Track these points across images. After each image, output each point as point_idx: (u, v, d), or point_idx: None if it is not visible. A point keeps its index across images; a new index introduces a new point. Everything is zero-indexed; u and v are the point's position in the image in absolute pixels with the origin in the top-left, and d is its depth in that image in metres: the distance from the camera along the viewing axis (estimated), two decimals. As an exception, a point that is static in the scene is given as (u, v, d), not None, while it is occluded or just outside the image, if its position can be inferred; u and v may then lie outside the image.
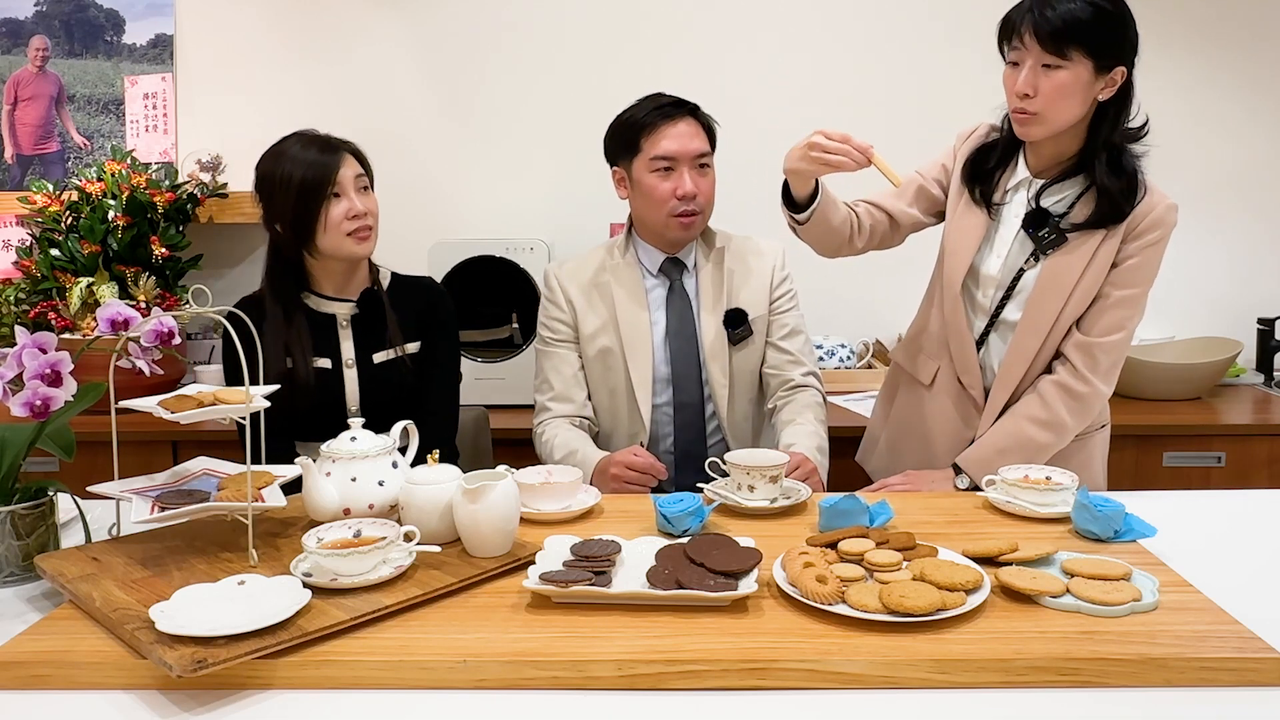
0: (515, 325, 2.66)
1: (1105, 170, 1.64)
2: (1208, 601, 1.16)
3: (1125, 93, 1.63)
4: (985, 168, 1.76)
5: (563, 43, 2.90)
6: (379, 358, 1.86)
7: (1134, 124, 1.67)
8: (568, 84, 2.91)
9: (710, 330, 2.00)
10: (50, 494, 1.38)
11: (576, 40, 2.90)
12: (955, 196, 1.81)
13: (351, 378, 1.85)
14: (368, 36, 2.92)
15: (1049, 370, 1.74)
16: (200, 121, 2.96)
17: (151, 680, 1.04)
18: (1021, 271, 1.72)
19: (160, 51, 2.96)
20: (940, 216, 1.86)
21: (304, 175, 1.77)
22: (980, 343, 1.78)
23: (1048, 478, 1.54)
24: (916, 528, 1.40)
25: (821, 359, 2.79)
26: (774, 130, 2.86)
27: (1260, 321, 2.79)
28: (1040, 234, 1.69)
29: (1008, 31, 1.61)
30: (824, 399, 2.04)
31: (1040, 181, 1.71)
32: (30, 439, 1.36)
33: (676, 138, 1.95)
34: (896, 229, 1.85)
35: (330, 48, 2.93)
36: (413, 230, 2.10)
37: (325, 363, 1.83)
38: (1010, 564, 1.24)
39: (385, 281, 1.92)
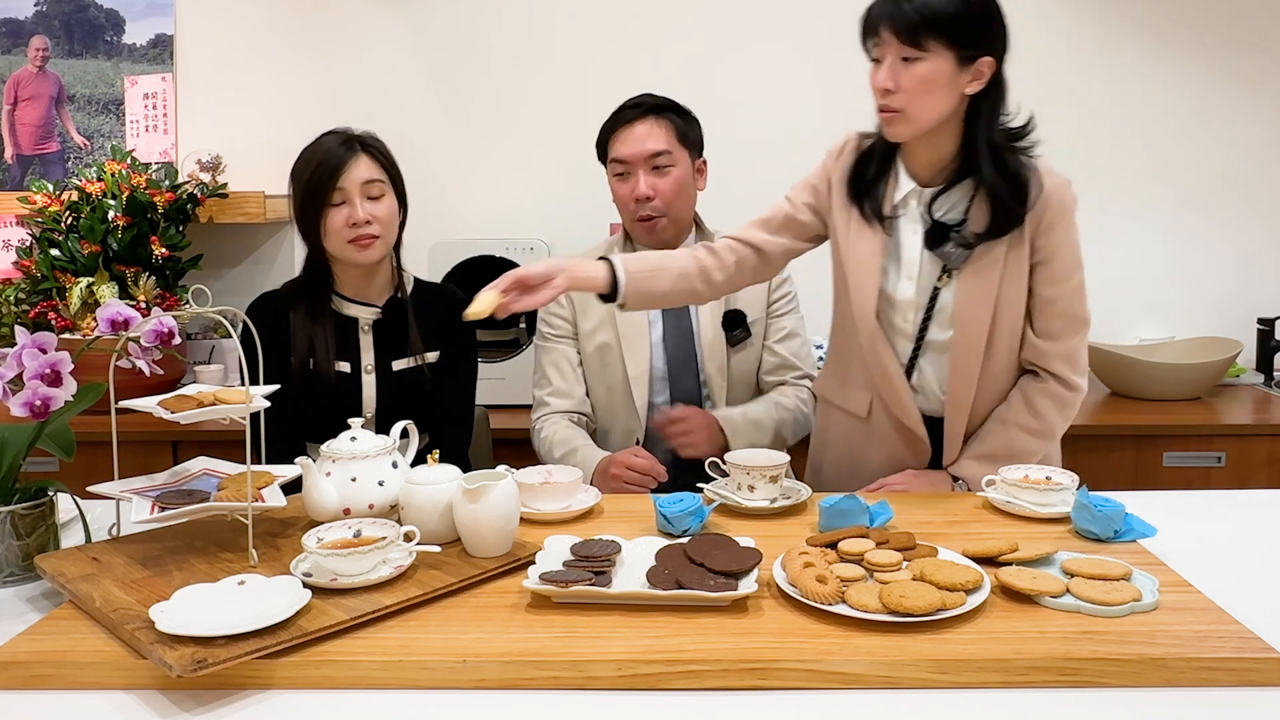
0: (523, 325, 2.66)
1: (991, 172, 1.56)
2: (1208, 601, 1.16)
3: (997, 87, 1.56)
4: (865, 180, 1.68)
5: (563, 43, 2.90)
6: (398, 365, 1.85)
7: (1015, 123, 1.60)
8: (568, 84, 2.91)
9: (707, 330, 2.01)
10: (50, 494, 1.38)
11: (577, 40, 2.90)
12: (842, 218, 1.70)
13: (369, 383, 1.84)
14: (368, 37, 2.92)
15: (1034, 374, 1.68)
16: (200, 121, 2.96)
17: (151, 680, 1.04)
18: (937, 290, 1.65)
19: (160, 51, 2.96)
20: (816, 240, 1.78)
21: (309, 178, 1.76)
22: (910, 368, 1.70)
23: (1048, 478, 1.54)
24: (916, 528, 1.40)
25: (821, 359, 2.79)
26: (771, 128, 2.88)
27: (1260, 321, 2.80)
28: (945, 250, 1.61)
29: (867, 28, 1.56)
30: (809, 398, 2.03)
31: (929, 191, 1.63)
32: (30, 439, 1.36)
33: (629, 140, 1.96)
34: (767, 260, 1.75)
35: (330, 48, 2.93)
36: (413, 230, 2.10)
37: (344, 366, 1.83)
38: (1010, 564, 1.24)
39: (409, 287, 1.91)
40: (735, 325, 2.00)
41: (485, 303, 1.50)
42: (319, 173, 1.75)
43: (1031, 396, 1.67)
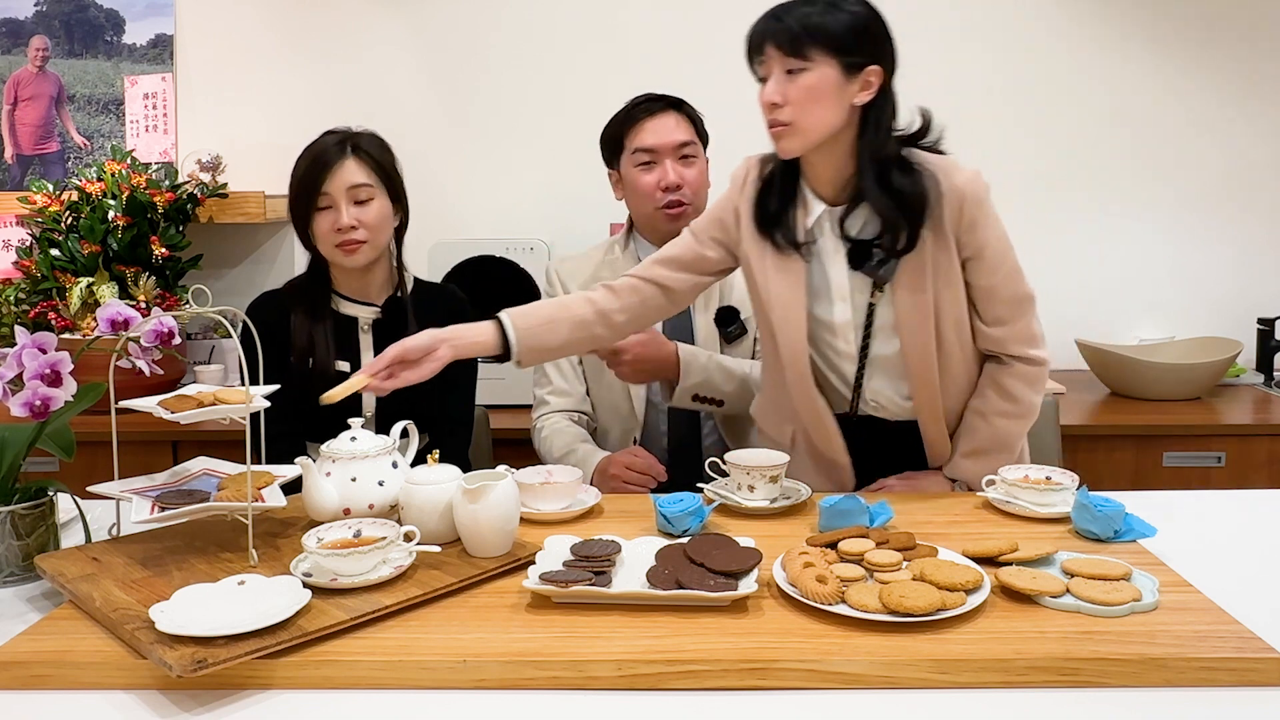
0: None
1: (875, 190, 1.53)
2: (1208, 601, 1.16)
3: (886, 98, 1.53)
4: (771, 210, 1.63)
5: (563, 43, 2.90)
6: None
7: (909, 130, 1.58)
8: (568, 84, 2.91)
9: (702, 328, 2.01)
10: (50, 494, 1.38)
11: (577, 40, 2.90)
12: (756, 251, 1.65)
13: None
14: (368, 37, 2.92)
15: (998, 361, 1.66)
16: (200, 121, 2.96)
17: (151, 680, 1.04)
18: (872, 306, 1.62)
19: (160, 51, 2.96)
20: (724, 273, 1.74)
21: (297, 182, 1.77)
22: (858, 386, 1.68)
23: (1048, 478, 1.54)
24: (916, 528, 1.40)
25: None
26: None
27: (1260, 321, 2.79)
28: (870, 267, 1.57)
29: (751, 48, 1.54)
30: None
31: (839, 211, 1.59)
32: (30, 439, 1.36)
33: (656, 130, 1.97)
34: (674, 298, 1.71)
35: (330, 48, 2.93)
36: (413, 230, 2.11)
37: (344, 367, 1.83)
38: (1010, 564, 1.24)
39: (410, 286, 1.91)
40: (729, 321, 2.00)
41: (345, 389, 1.47)
42: (305, 178, 1.77)
43: (1001, 381, 1.65)
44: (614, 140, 2.03)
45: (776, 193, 1.63)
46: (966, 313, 1.63)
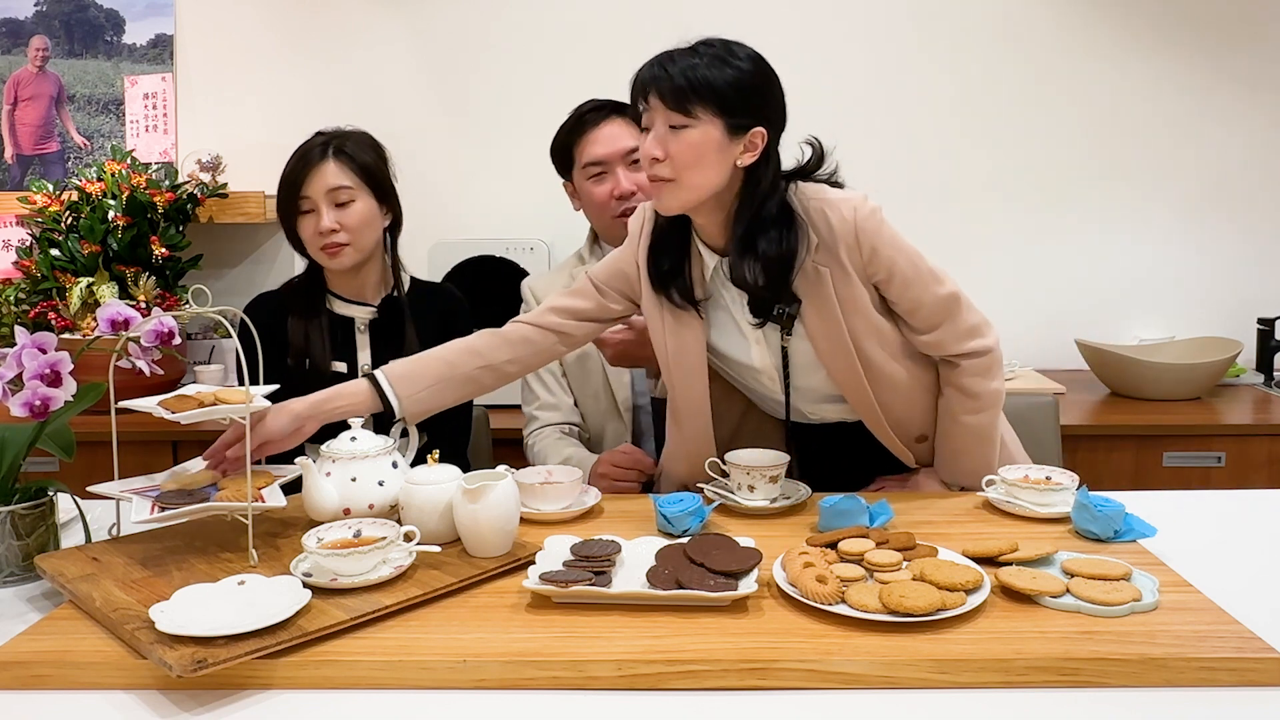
0: None
1: (739, 256, 1.48)
2: (1208, 601, 1.16)
3: (768, 159, 1.49)
4: (665, 268, 1.58)
5: (563, 43, 2.90)
6: None
7: (801, 164, 1.55)
8: (568, 84, 2.89)
9: None
10: (50, 494, 1.38)
11: (577, 40, 2.90)
12: (654, 305, 1.61)
13: None
14: (368, 37, 2.92)
15: (949, 364, 1.63)
16: (200, 121, 2.96)
17: (151, 680, 1.04)
18: (784, 349, 1.60)
19: (160, 51, 2.96)
20: (626, 316, 1.70)
21: (279, 187, 1.78)
22: (788, 408, 1.66)
23: (1048, 477, 1.54)
24: (916, 528, 1.40)
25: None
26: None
27: (1260, 321, 2.79)
28: (774, 315, 1.54)
29: (634, 94, 1.49)
30: None
31: (726, 262, 1.54)
32: (30, 439, 1.36)
33: (602, 140, 1.97)
34: (571, 342, 1.69)
35: (330, 48, 2.93)
36: (412, 230, 2.11)
37: (341, 367, 1.83)
38: (1010, 564, 1.24)
39: (406, 286, 1.91)
40: None
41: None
42: (285, 182, 1.78)
43: (957, 382, 1.62)
44: (564, 152, 2.04)
45: (668, 249, 1.58)
46: (886, 326, 1.59)
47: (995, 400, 1.64)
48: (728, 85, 1.43)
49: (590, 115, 2.01)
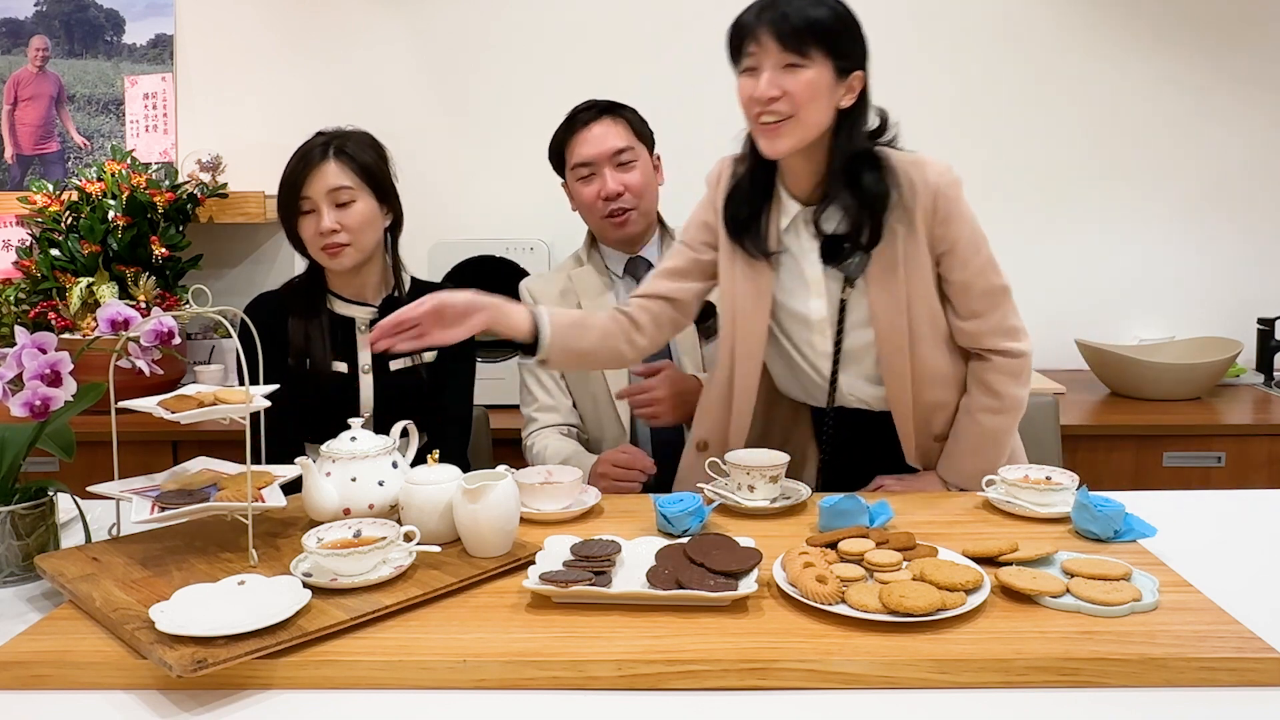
0: None
1: (841, 189, 1.55)
2: (1208, 601, 1.16)
3: (864, 101, 1.57)
4: (743, 216, 1.64)
5: (563, 42, 2.90)
6: (395, 365, 1.85)
7: (870, 131, 1.60)
8: (568, 84, 2.90)
9: None
10: (50, 494, 1.38)
11: (577, 40, 2.90)
12: (727, 252, 1.67)
13: (367, 384, 1.84)
14: (368, 37, 2.92)
15: (979, 358, 1.66)
16: (200, 121, 2.96)
17: (151, 680, 1.04)
18: (844, 300, 1.63)
19: (160, 51, 2.96)
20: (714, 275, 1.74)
21: (280, 188, 1.78)
22: (834, 378, 1.69)
23: (1048, 477, 1.53)
24: (916, 528, 1.40)
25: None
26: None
27: (1260, 321, 2.79)
28: (843, 263, 1.60)
29: (739, 38, 1.52)
30: None
31: (812, 209, 1.61)
32: (30, 439, 1.36)
33: (589, 141, 1.98)
34: (684, 309, 1.74)
35: (330, 48, 2.93)
36: (412, 230, 2.12)
37: (341, 367, 1.83)
38: (1010, 564, 1.24)
39: (407, 286, 1.91)
40: (706, 317, 2.01)
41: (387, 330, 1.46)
42: (285, 183, 1.78)
43: (984, 378, 1.65)
44: (558, 153, 2.05)
45: (746, 198, 1.64)
46: (939, 306, 1.63)
47: (1016, 405, 1.66)
48: (837, 29, 1.49)
49: (581, 115, 2.02)
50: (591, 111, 2.01)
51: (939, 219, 1.58)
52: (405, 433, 1.54)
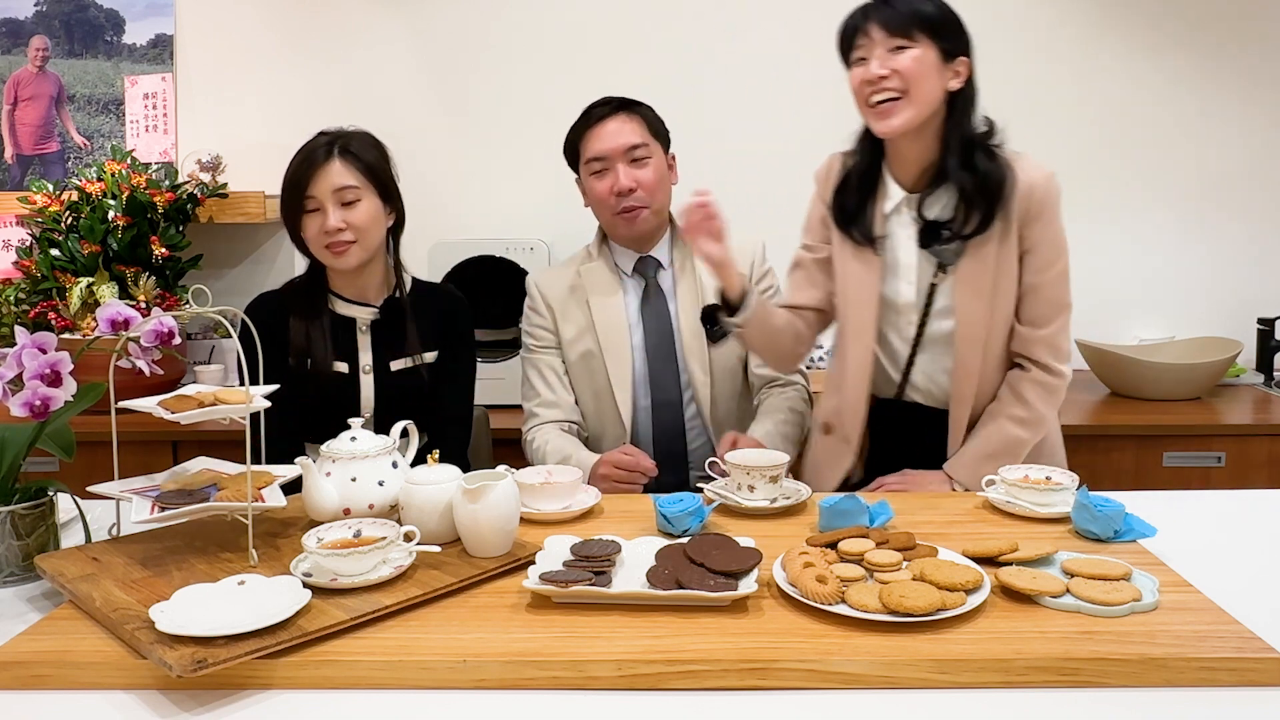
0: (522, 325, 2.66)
1: (957, 168, 1.65)
2: (1208, 601, 1.16)
3: (971, 86, 1.66)
4: (851, 205, 1.74)
5: (563, 43, 2.90)
6: (396, 366, 1.85)
7: (980, 130, 1.69)
8: (568, 84, 2.91)
9: (687, 328, 2.01)
10: (50, 494, 1.38)
11: (577, 40, 2.90)
12: (837, 239, 1.78)
13: (367, 384, 1.84)
14: (368, 37, 2.92)
15: (1019, 367, 1.73)
16: (200, 121, 2.96)
17: (151, 680, 1.04)
18: (934, 287, 1.72)
19: (160, 51, 2.96)
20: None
21: (286, 185, 1.77)
22: (909, 365, 1.77)
23: (1048, 478, 1.53)
24: (916, 528, 1.40)
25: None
26: (777, 129, 2.88)
27: (1260, 321, 2.79)
28: (938, 248, 1.69)
29: (850, 33, 1.66)
30: (808, 395, 2.05)
31: (918, 196, 1.70)
32: (30, 439, 1.36)
33: (604, 136, 1.97)
34: (831, 308, 1.85)
35: (330, 48, 2.93)
36: (412, 230, 2.12)
37: (342, 367, 1.83)
38: (1010, 564, 1.24)
39: (408, 287, 1.90)
40: (715, 320, 2.00)
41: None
42: (290, 181, 1.77)
43: (1018, 387, 1.71)
44: (572, 148, 2.05)
45: (855, 187, 1.74)
46: (1013, 309, 1.71)
47: (1040, 422, 1.71)
48: (940, 18, 1.62)
49: (596, 111, 2.01)
50: (607, 107, 2.00)
51: (1031, 216, 1.66)
52: (405, 433, 1.54)
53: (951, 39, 1.63)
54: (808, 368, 2.75)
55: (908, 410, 1.80)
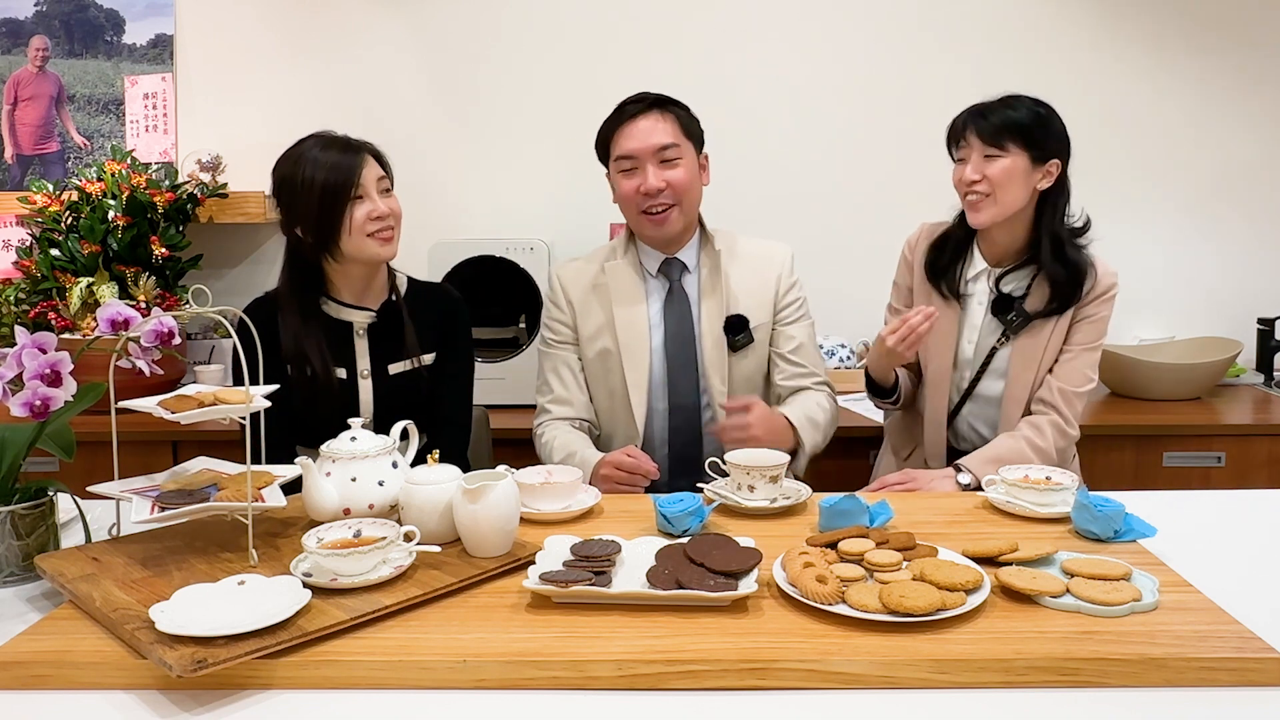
0: (522, 325, 2.66)
1: (1050, 259, 1.87)
2: (1208, 601, 1.16)
3: (1062, 185, 1.88)
4: (942, 263, 1.98)
5: (563, 43, 2.90)
6: (394, 369, 1.84)
7: (1076, 224, 1.91)
8: (568, 84, 2.91)
9: (709, 334, 1.98)
10: (50, 494, 1.38)
11: (577, 40, 2.90)
12: (923, 291, 2.00)
13: (366, 388, 1.83)
14: (368, 37, 2.92)
15: (1041, 413, 1.91)
16: (200, 121, 2.96)
17: (151, 680, 1.04)
18: (994, 350, 1.95)
19: (160, 51, 2.96)
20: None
21: (326, 178, 1.73)
22: (954, 414, 2.00)
23: (1048, 478, 1.54)
24: (916, 528, 1.40)
25: (842, 362, 2.82)
26: (772, 128, 2.88)
27: (1260, 321, 2.80)
28: (1008, 318, 1.92)
29: (954, 135, 1.90)
30: (833, 399, 2.03)
31: (999, 270, 1.94)
32: (30, 439, 1.36)
33: (635, 135, 1.93)
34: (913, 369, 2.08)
35: (330, 48, 2.93)
36: (413, 230, 2.12)
37: (341, 372, 1.82)
38: (1010, 564, 1.24)
39: (403, 288, 1.90)
40: (738, 330, 1.98)
41: None
42: (338, 172, 1.73)
43: (1037, 421, 1.89)
44: (603, 144, 2.00)
45: (948, 251, 1.98)
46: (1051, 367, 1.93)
47: (1049, 455, 1.88)
48: (1032, 125, 1.84)
49: (629, 107, 1.96)
50: (640, 104, 1.96)
51: (1087, 302, 1.90)
52: (405, 433, 1.54)
53: (1041, 145, 1.83)
54: (834, 368, 2.77)
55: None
